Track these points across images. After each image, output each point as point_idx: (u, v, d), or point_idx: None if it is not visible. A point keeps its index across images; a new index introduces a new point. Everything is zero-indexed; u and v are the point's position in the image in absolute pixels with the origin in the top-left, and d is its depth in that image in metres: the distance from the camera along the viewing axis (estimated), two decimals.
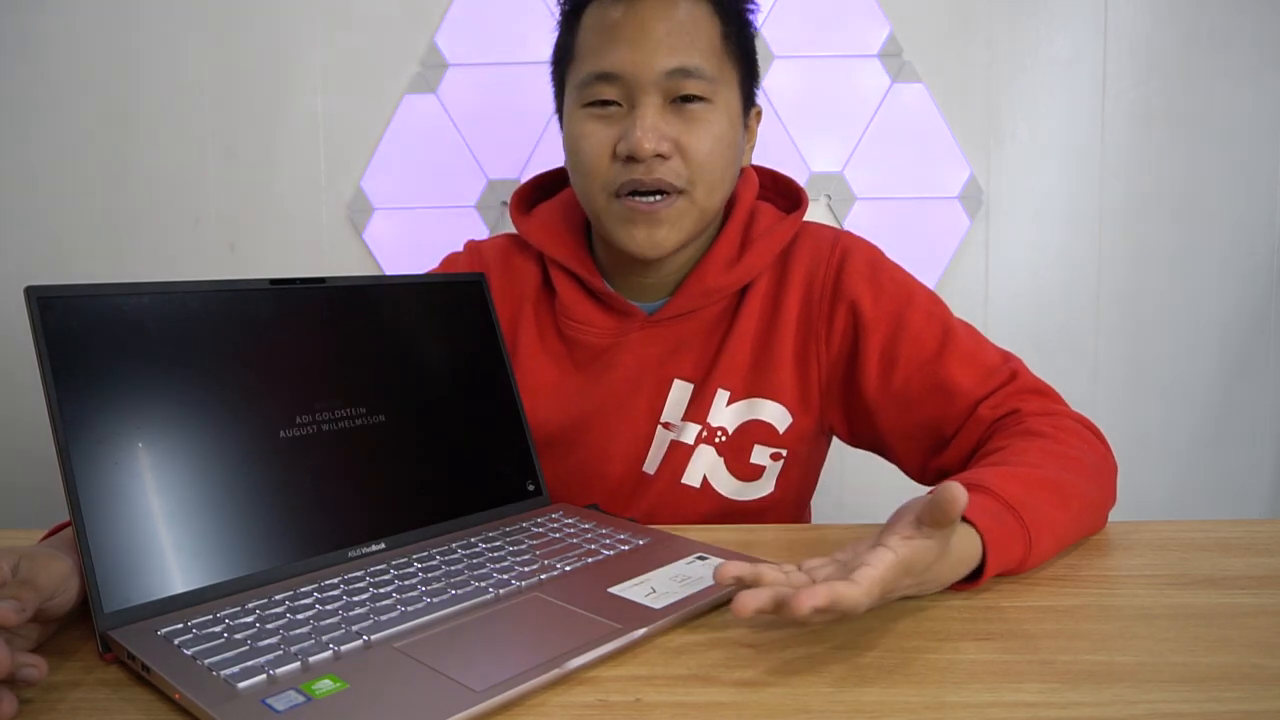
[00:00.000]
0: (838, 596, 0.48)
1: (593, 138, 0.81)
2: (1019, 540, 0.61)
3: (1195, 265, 1.51)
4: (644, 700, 0.47)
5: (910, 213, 1.50)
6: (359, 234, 1.52)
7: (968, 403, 0.80)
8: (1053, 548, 0.66)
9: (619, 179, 0.80)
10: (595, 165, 0.81)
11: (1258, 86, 1.46)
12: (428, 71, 1.49)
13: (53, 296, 0.57)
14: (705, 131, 0.80)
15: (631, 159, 0.79)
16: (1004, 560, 0.60)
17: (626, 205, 0.81)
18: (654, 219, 0.80)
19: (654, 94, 0.79)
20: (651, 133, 0.78)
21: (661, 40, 0.78)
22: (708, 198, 0.82)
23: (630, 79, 0.78)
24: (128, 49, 1.50)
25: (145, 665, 0.49)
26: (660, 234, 0.81)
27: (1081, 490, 0.69)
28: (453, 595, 0.57)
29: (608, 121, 0.81)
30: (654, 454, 0.87)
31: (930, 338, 0.82)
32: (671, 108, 0.80)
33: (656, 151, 0.78)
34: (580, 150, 0.82)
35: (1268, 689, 0.47)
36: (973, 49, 1.47)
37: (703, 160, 0.80)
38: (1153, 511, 1.47)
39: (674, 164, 0.79)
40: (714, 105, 0.80)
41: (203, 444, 0.60)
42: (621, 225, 0.82)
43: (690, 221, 0.82)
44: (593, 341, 0.88)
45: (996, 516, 0.61)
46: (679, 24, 0.78)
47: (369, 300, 0.72)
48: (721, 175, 0.82)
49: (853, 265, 0.86)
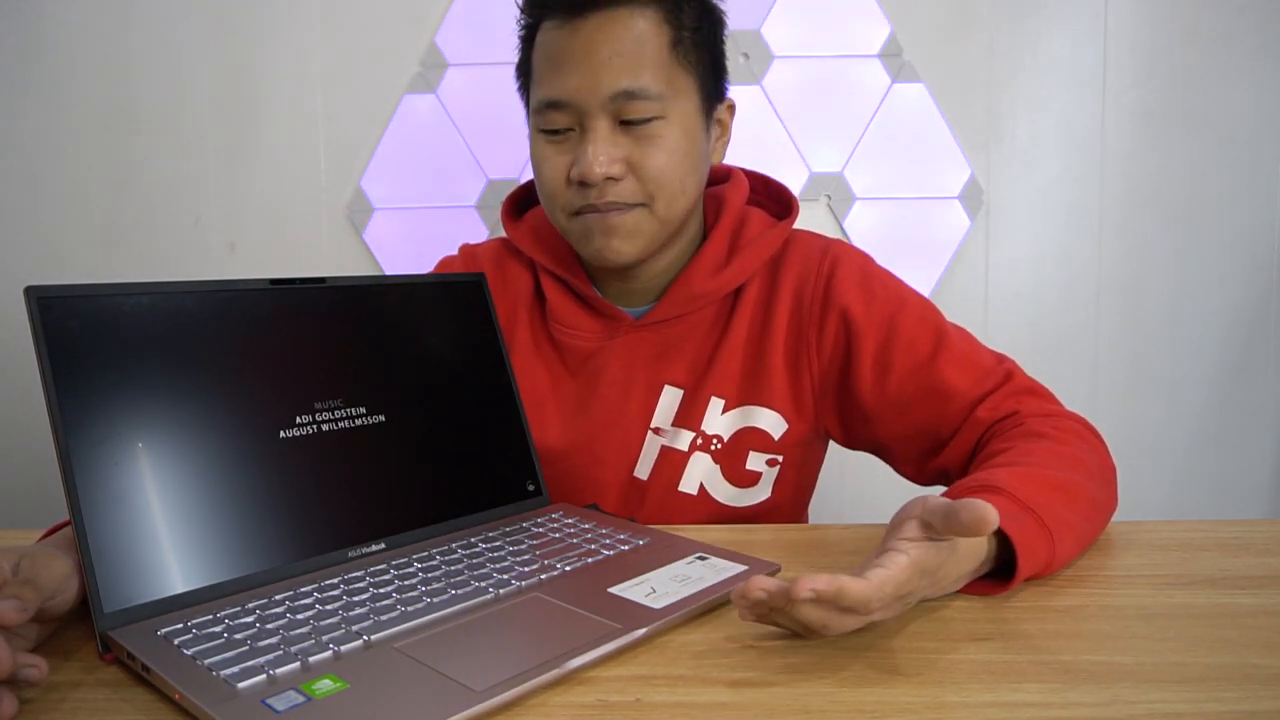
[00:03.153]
0: (842, 586, 0.47)
1: (549, 162, 0.82)
2: (1043, 542, 0.61)
3: (1195, 265, 1.51)
4: (644, 700, 0.47)
5: (910, 213, 1.50)
6: (359, 234, 1.53)
7: (964, 404, 0.80)
8: (1073, 549, 0.65)
9: (575, 203, 0.81)
10: (554, 189, 0.82)
11: (1258, 86, 1.47)
12: (428, 71, 1.49)
13: (53, 296, 0.57)
14: (657, 149, 0.79)
15: (585, 183, 0.79)
16: (1034, 563, 0.60)
17: (584, 222, 0.82)
18: (608, 229, 0.81)
19: (602, 117, 0.79)
20: (602, 157, 0.78)
21: (605, 63, 0.77)
22: (668, 209, 0.82)
23: (578, 105, 0.79)
24: (128, 49, 1.50)
25: (145, 665, 0.49)
26: (616, 244, 0.82)
27: (1089, 492, 0.69)
28: (453, 595, 0.57)
29: (561, 146, 0.81)
30: (645, 459, 0.87)
31: (924, 341, 0.82)
32: (622, 128, 0.80)
33: (607, 175, 0.78)
34: (540, 174, 0.84)
35: (1268, 689, 0.47)
36: (973, 49, 1.47)
37: (656, 176, 0.80)
38: (1153, 511, 1.47)
39: (627, 184, 0.80)
40: (666, 120, 0.80)
41: (203, 444, 0.60)
42: (582, 240, 0.83)
43: (650, 230, 0.83)
44: (581, 345, 0.89)
45: (1017, 519, 0.60)
46: (623, 44, 0.77)
47: (369, 300, 0.72)
48: (680, 186, 0.82)
49: (843, 273, 0.86)
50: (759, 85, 1.47)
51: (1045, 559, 0.61)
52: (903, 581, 0.50)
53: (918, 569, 0.51)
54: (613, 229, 0.81)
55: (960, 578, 0.58)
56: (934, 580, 0.55)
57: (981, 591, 0.60)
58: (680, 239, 0.88)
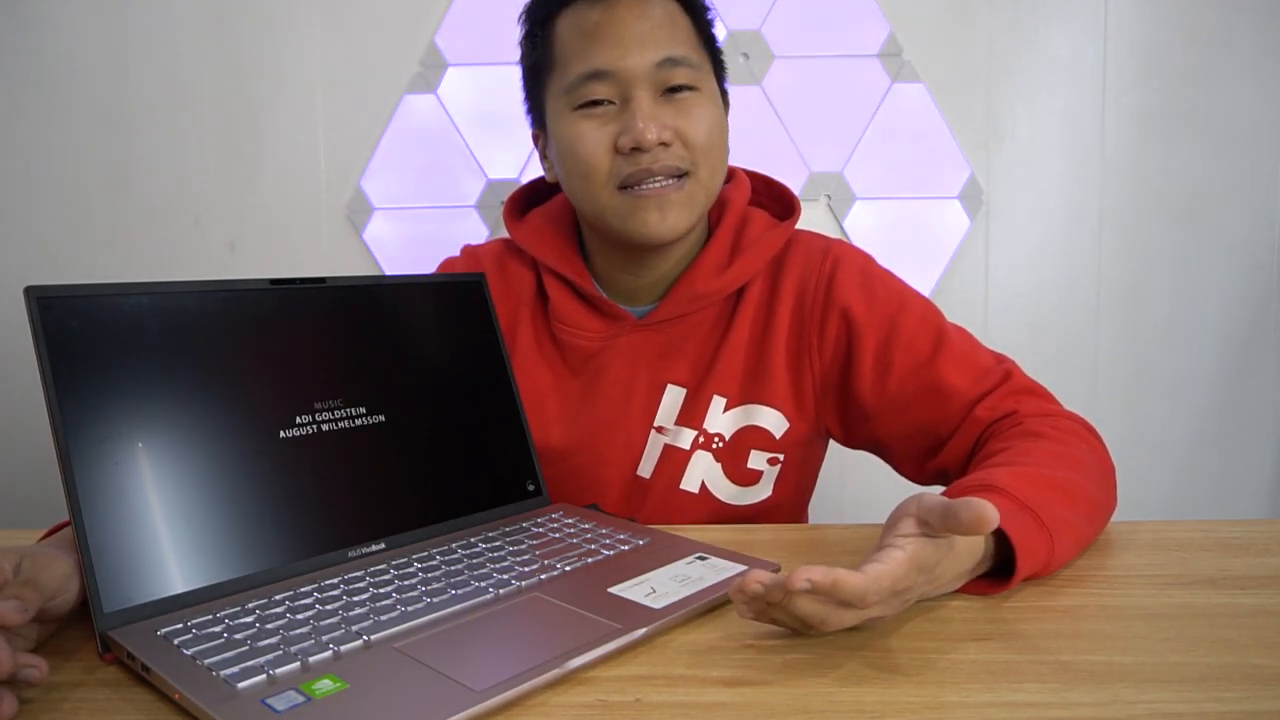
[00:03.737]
0: (838, 578, 0.47)
1: (589, 135, 0.81)
2: (1042, 541, 0.61)
3: (1195, 265, 1.51)
4: (644, 700, 0.47)
5: (910, 213, 1.50)
6: (359, 234, 1.52)
7: (962, 404, 0.81)
8: (1072, 549, 0.65)
9: (623, 171, 0.81)
10: (596, 163, 0.81)
11: (1258, 86, 1.46)
12: (428, 71, 1.49)
13: (53, 296, 0.57)
14: (700, 116, 0.82)
15: (636, 150, 0.80)
16: (1033, 563, 0.60)
17: (635, 195, 0.81)
18: (665, 202, 0.81)
19: (646, 87, 0.80)
20: (653, 122, 0.79)
21: (645, 35, 0.79)
22: (711, 179, 0.84)
23: (621, 74, 0.80)
24: (127, 49, 1.50)
25: (145, 665, 0.49)
26: (673, 216, 0.82)
27: (1089, 492, 0.69)
28: (453, 595, 0.57)
29: (602, 120, 0.81)
30: (648, 458, 0.88)
31: (924, 341, 0.83)
32: (664, 98, 0.81)
33: (660, 140, 0.79)
34: (578, 150, 0.82)
35: (1268, 689, 0.47)
36: (973, 49, 1.47)
37: (703, 143, 0.82)
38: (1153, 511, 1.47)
39: (677, 149, 0.81)
40: (701, 93, 0.83)
41: (203, 444, 0.60)
42: (631, 215, 0.82)
43: (699, 202, 0.84)
44: (584, 345, 0.89)
45: (1015, 518, 0.60)
46: (657, 20, 0.80)
47: (369, 300, 0.72)
48: (720, 157, 0.85)
49: (844, 274, 0.86)
50: (759, 85, 1.47)
51: (1044, 559, 0.61)
52: (900, 576, 0.50)
53: (915, 564, 0.51)
54: (670, 201, 0.81)
55: (958, 576, 0.58)
56: (931, 577, 0.55)
57: (980, 591, 0.60)
58: (692, 231, 0.88)
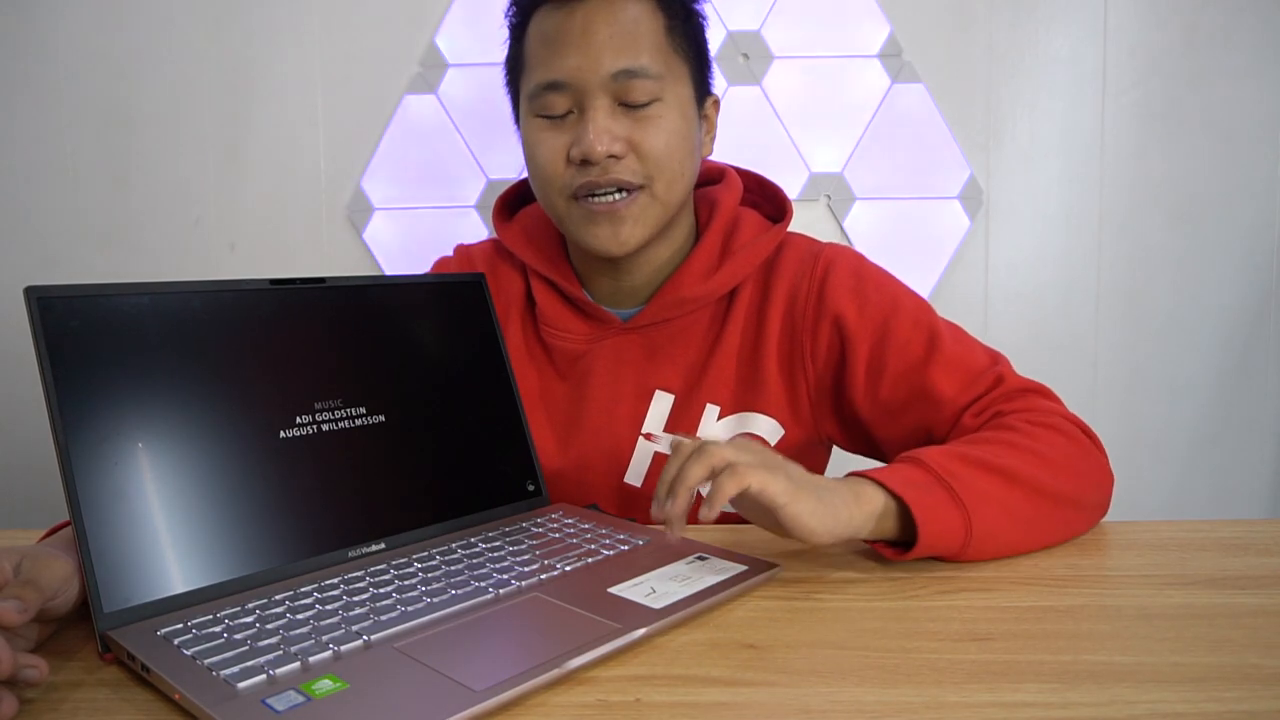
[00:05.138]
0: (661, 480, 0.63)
1: (546, 144, 0.82)
2: (953, 513, 0.62)
3: (1195, 265, 1.51)
4: (644, 700, 0.47)
5: (910, 213, 1.50)
6: (359, 234, 1.52)
7: (952, 410, 0.80)
8: (1011, 532, 0.66)
9: (574, 182, 0.81)
10: (551, 171, 0.82)
11: (1258, 86, 1.46)
12: (428, 71, 1.49)
13: (53, 296, 0.57)
14: (657, 129, 0.80)
15: (586, 162, 0.79)
16: (937, 532, 0.62)
17: (586, 206, 0.81)
18: (615, 217, 0.81)
19: (602, 97, 0.79)
20: (604, 135, 0.78)
21: (605, 43, 0.78)
22: (668, 191, 0.82)
23: (577, 85, 0.79)
24: (127, 49, 1.50)
25: (145, 665, 0.49)
26: (624, 231, 0.81)
27: (1041, 481, 0.68)
28: (453, 595, 0.57)
29: (560, 129, 0.81)
30: (636, 465, 0.87)
31: (916, 345, 0.82)
32: (621, 108, 0.80)
33: (609, 153, 0.78)
34: (535, 157, 0.83)
35: (1268, 689, 0.47)
36: (973, 49, 1.47)
37: (658, 156, 0.80)
38: (1153, 511, 1.47)
39: (629, 162, 0.80)
40: (664, 102, 0.81)
41: (203, 444, 0.60)
42: (584, 226, 0.82)
43: (653, 216, 0.83)
44: (570, 348, 0.89)
45: (920, 488, 0.62)
46: (620, 25, 0.78)
47: (369, 300, 0.72)
48: (680, 169, 0.82)
49: (836, 278, 0.85)
50: (759, 85, 1.47)
51: (957, 533, 0.62)
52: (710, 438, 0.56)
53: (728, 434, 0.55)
54: (620, 216, 0.81)
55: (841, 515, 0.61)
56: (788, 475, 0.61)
57: (889, 556, 0.63)
58: (672, 235, 0.88)
